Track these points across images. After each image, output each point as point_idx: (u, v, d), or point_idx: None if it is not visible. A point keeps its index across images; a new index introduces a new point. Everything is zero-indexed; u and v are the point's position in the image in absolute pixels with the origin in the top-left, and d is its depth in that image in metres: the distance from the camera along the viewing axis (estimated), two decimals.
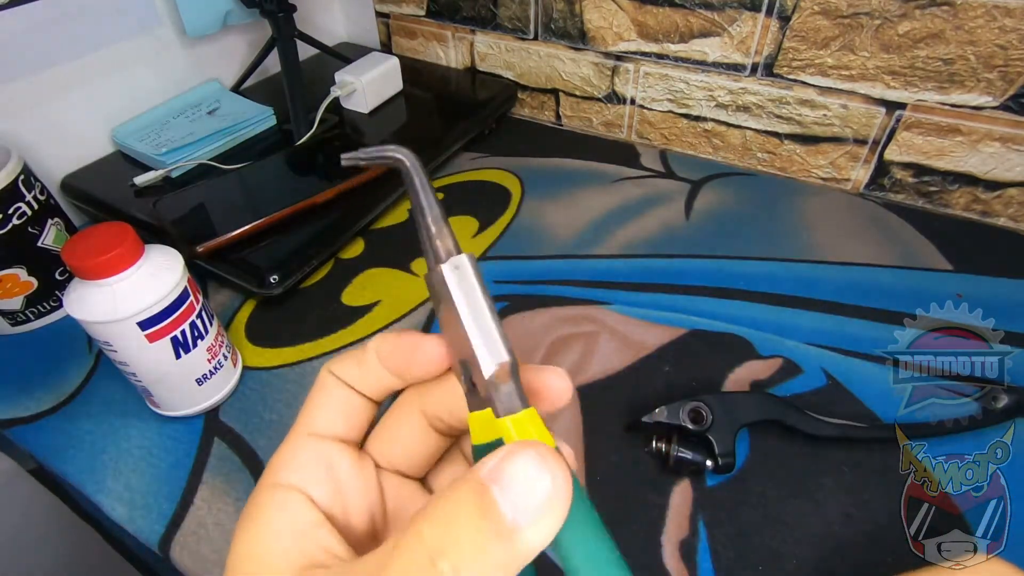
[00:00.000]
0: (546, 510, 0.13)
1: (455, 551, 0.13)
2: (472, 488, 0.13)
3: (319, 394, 0.18)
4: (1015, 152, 0.49)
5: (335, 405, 0.18)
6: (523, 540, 0.13)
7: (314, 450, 0.17)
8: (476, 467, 0.14)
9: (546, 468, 0.13)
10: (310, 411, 0.18)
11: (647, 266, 0.50)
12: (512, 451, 0.13)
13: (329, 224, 0.50)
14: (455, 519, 0.13)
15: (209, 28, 0.62)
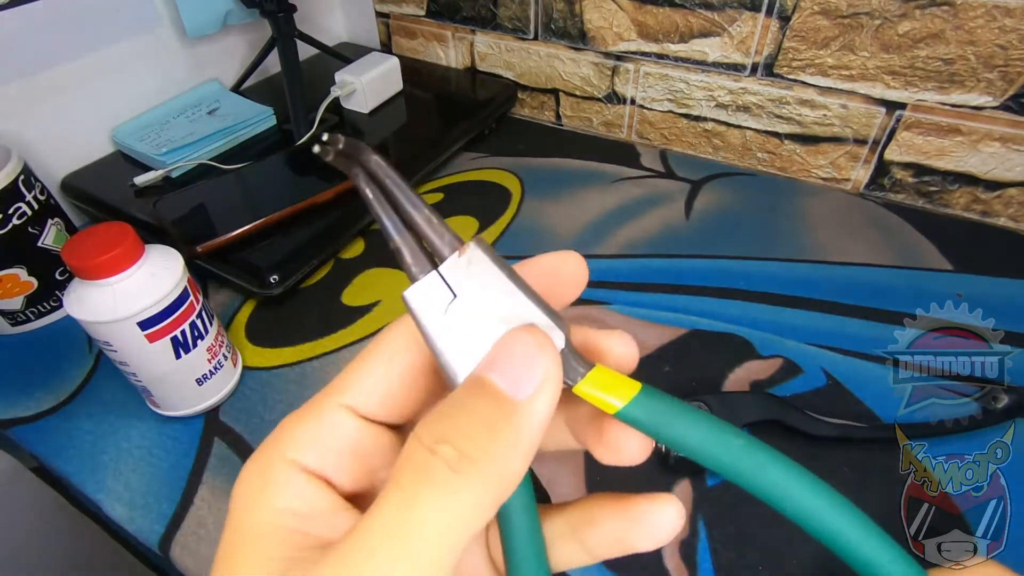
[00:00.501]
0: (546, 380, 0.13)
1: (457, 435, 0.12)
2: (468, 383, 0.13)
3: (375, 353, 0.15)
4: (1015, 152, 0.49)
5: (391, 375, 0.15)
6: (530, 411, 0.13)
7: (343, 429, 0.15)
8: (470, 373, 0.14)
9: (537, 341, 0.13)
10: (354, 375, 0.15)
11: (647, 266, 0.50)
12: (503, 339, 0.14)
13: (329, 224, 0.50)
14: (454, 410, 0.13)
15: (209, 28, 0.62)
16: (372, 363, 0.15)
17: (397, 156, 0.58)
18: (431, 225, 0.15)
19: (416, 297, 0.15)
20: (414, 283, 0.15)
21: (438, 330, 0.14)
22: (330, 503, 0.14)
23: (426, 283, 0.15)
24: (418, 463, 0.12)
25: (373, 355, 0.15)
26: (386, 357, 0.15)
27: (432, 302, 0.15)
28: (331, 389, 0.15)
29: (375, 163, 0.15)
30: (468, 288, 0.15)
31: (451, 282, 0.15)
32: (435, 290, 0.15)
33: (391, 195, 0.15)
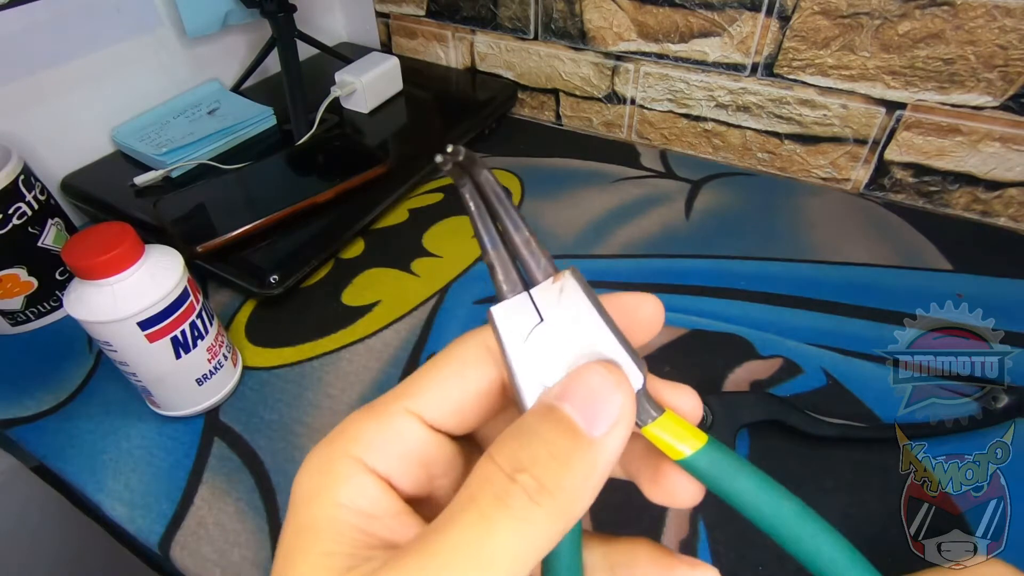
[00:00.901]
0: (620, 419, 0.13)
1: (535, 464, 0.12)
2: (544, 411, 0.13)
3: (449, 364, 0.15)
4: (1015, 152, 0.49)
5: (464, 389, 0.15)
6: (602, 448, 0.13)
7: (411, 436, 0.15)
8: (542, 396, 0.14)
9: (615, 380, 0.13)
10: (425, 384, 0.15)
11: (647, 266, 0.50)
12: (579, 371, 0.14)
13: (329, 224, 0.50)
14: (529, 437, 0.13)
15: (209, 28, 0.62)
16: (445, 374, 0.15)
17: (397, 156, 0.58)
18: (529, 247, 0.15)
19: (502, 315, 0.15)
20: (503, 301, 0.15)
21: (518, 351, 0.14)
22: (392, 505, 0.14)
23: (515, 303, 0.15)
24: (498, 488, 0.12)
25: (446, 366, 0.15)
26: (459, 370, 0.15)
27: (517, 322, 0.15)
28: (400, 393, 0.15)
29: (484, 177, 0.15)
30: (556, 315, 0.15)
31: (540, 306, 0.15)
32: (522, 311, 0.15)
33: (493, 211, 0.15)
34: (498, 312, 0.15)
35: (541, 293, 0.15)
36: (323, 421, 0.40)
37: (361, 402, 0.41)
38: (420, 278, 0.50)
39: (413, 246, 0.53)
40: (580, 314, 0.15)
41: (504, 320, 0.15)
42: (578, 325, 0.15)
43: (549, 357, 0.14)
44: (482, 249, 0.15)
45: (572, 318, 0.15)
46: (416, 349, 0.44)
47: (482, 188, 0.15)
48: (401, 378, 0.42)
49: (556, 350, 0.14)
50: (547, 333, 0.15)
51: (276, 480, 0.37)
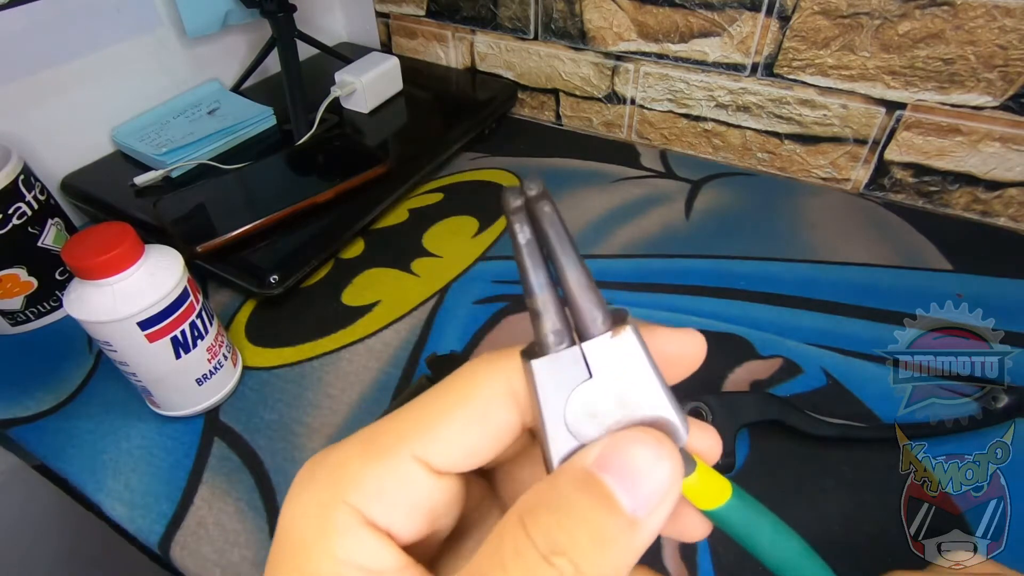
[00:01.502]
0: (664, 498, 0.12)
1: (574, 548, 0.11)
2: (582, 478, 0.12)
3: (466, 405, 0.14)
4: (1015, 152, 0.49)
5: (483, 435, 0.14)
6: (644, 530, 0.12)
7: (416, 485, 0.13)
8: (578, 456, 0.13)
9: (663, 454, 0.12)
10: (436, 425, 0.14)
11: (647, 266, 0.50)
12: (620, 438, 0.13)
13: (329, 224, 0.50)
14: (567, 512, 0.12)
15: (209, 28, 0.62)
16: (461, 417, 0.14)
17: (397, 156, 0.58)
18: (586, 295, 0.13)
19: (544, 370, 0.13)
20: (548, 354, 0.13)
21: (557, 408, 0.13)
22: (393, 560, 0.13)
23: (562, 357, 0.13)
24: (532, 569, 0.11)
25: (463, 406, 0.14)
26: (479, 415, 0.14)
27: (561, 378, 0.13)
28: (406, 432, 0.14)
29: (544, 209, 0.13)
30: (607, 374, 0.13)
31: (592, 362, 0.13)
32: (568, 365, 0.13)
33: (549, 247, 0.13)
34: (540, 367, 0.13)
35: (595, 348, 0.13)
36: (323, 421, 0.40)
37: (361, 402, 0.41)
38: (420, 278, 0.50)
39: (413, 246, 0.53)
40: (634, 375, 0.13)
41: (546, 376, 0.13)
42: (629, 386, 0.13)
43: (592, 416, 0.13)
44: (527, 293, 0.14)
45: (624, 378, 0.13)
46: (416, 349, 0.44)
47: (537, 220, 0.13)
48: (401, 378, 0.42)
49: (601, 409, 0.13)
50: (594, 392, 0.13)
51: (276, 480, 0.37)
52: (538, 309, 0.13)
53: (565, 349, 0.13)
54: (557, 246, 0.13)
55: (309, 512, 0.13)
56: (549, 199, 0.13)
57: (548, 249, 0.13)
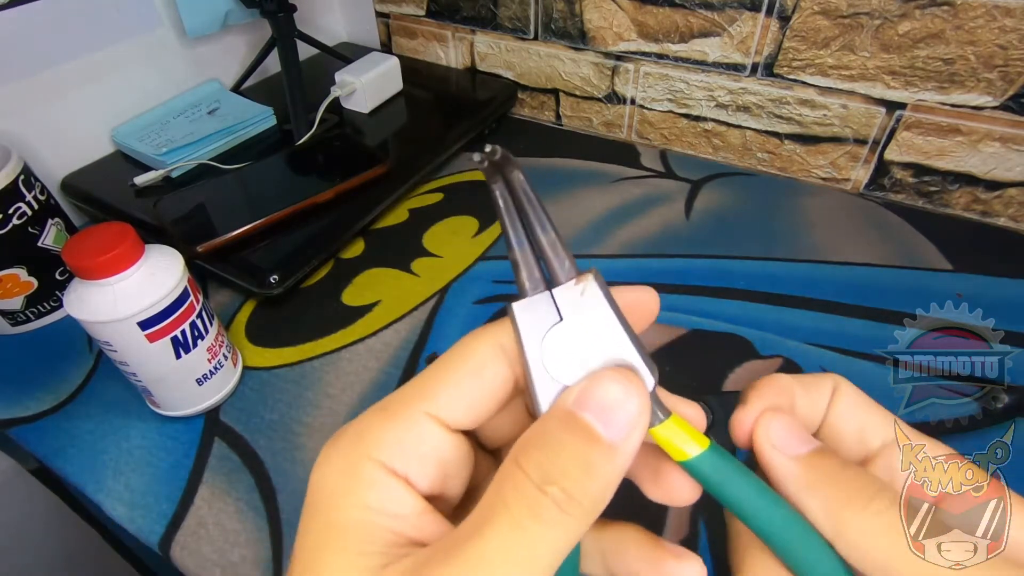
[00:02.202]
0: (635, 424, 0.14)
1: (563, 477, 0.13)
2: (565, 418, 0.14)
3: (464, 364, 0.16)
4: (1015, 152, 0.49)
5: (481, 387, 0.16)
6: (621, 454, 0.14)
7: (429, 438, 0.15)
8: (561, 398, 0.14)
9: (631, 389, 0.14)
10: (440, 385, 0.16)
11: (647, 266, 0.50)
12: (596, 378, 0.14)
13: (329, 224, 0.50)
14: (555, 447, 0.14)
15: (209, 28, 0.62)
16: (461, 374, 0.16)
17: (397, 156, 0.58)
18: (555, 248, 0.16)
19: (523, 311, 0.15)
20: (524, 297, 0.16)
21: (535, 348, 0.15)
22: (414, 505, 0.15)
23: (536, 300, 0.15)
24: (530, 499, 0.13)
25: (462, 365, 0.16)
26: (476, 369, 0.16)
27: (537, 320, 0.15)
28: (416, 394, 0.16)
29: (516, 176, 0.16)
30: (575, 316, 0.15)
31: (561, 306, 0.15)
32: (543, 309, 0.15)
33: (523, 211, 0.16)
34: (519, 308, 0.15)
35: (562, 293, 0.15)
36: (323, 421, 0.40)
37: (361, 402, 0.41)
38: (420, 278, 0.50)
39: (413, 246, 0.53)
40: (599, 316, 0.15)
41: (524, 317, 0.15)
42: (596, 327, 0.15)
43: (565, 356, 0.15)
44: (508, 247, 0.16)
45: (590, 320, 0.15)
46: (416, 349, 0.44)
47: (513, 187, 0.16)
48: (401, 378, 0.42)
49: (573, 349, 0.15)
50: (565, 332, 0.15)
51: (276, 480, 0.37)
52: (517, 260, 0.16)
53: (539, 294, 0.16)
54: (530, 209, 0.16)
55: (337, 469, 0.15)
56: (519, 167, 0.16)
57: (523, 212, 0.16)
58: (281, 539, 0.34)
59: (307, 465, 0.37)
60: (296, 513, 0.35)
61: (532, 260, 0.16)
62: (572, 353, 0.15)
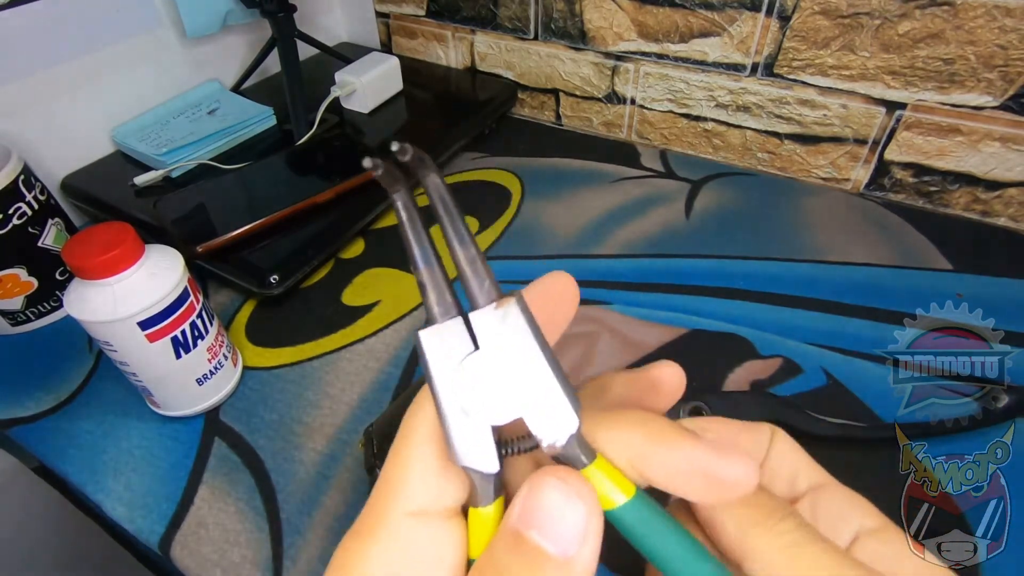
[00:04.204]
0: (586, 531, 0.13)
1: None
2: (512, 540, 0.13)
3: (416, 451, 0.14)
4: (1015, 152, 0.49)
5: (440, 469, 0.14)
6: (578, 563, 0.13)
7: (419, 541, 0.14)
8: (506, 516, 0.13)
9: (573, 493, 0.13)
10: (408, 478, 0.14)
11: (647, 266, 0.50)
12: (534, 488, 0.13)
13: (329, 224, 0.50)
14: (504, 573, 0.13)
15: (209, 28, 0.62)
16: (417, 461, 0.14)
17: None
18: (474, 266, 0.14)
19: (432, 339, 0.14)
20: (433, 324, 0.14)
21: (447, 380, 0.13)
22: None
23: (447, 327, 0.14)
24: None
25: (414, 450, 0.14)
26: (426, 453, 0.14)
27: (448, 349, 0.14)
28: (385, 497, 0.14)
29: (433, 181, 0.14)
30: (493, 345, 0.13)
31: (477, 333, 0.14)
32: (455, 337, 0.14)
33: (440, 221, 0.14)
34: (427, 336, 0.14)
35: (481, 318, 0.14)
36: (323, 421, 0.40)
37: (361, 402, 0.41)
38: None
39: None
40: (519, 345, 0.13)
41: (433, 345, 0.14)
42: (516, 358, 0.13)
43: (481, 390, 0.13)
44: (413, 266, 0.14)
45: (510, 349, 0.13)
46: (416, 349, 0.44)
47: (428, 194, 0.14)
48: (401, 378, 0.42)
49: (489, 383, 0.13)
50: (480, 363, 0.13)
51: (276, 480, 0.37)
52: (423, 282, 0.14)
53: (451, 319, 0.14)
54: (447, 220, 0.14)
55: None
56: (436, 170, 0.14)
57: (439, 222, 0.14)
58: (281, 539, 0.34)
59: (307, 465, 0.37)
60: (296, 513, 0.35)
61: (442, 281, 0.14)
62: (488, 387, 0.13)
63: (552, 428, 0.13)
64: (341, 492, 0.36)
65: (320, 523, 0.34)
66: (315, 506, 0.35)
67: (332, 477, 0.36)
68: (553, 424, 0.13)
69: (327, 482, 0.36)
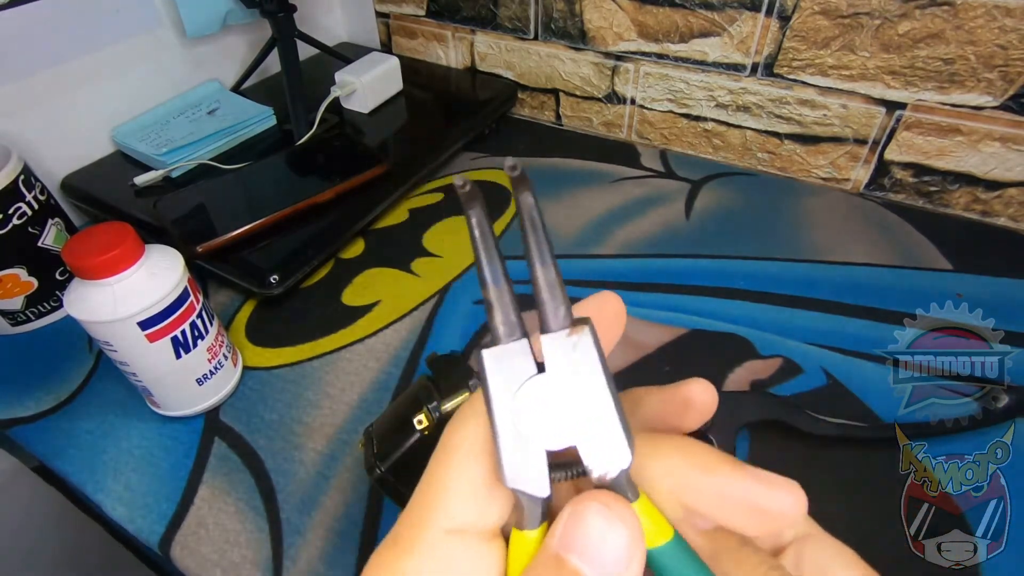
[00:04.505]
0: (629, 559, 0.13)
1: None
2: (553, 565, 0.13)
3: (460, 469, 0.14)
4: (1015, 152, 0.49)
5: (485, 487, 0.14)
6: None
7: (459, 560, 0.14)
8: (547, 539, 0.13)
9: (616, 519, 0.13)
10: (450, 495, 0.14)
11: (647, 266, 0.50)
12: (577, 512, 0.13)
13: (329, 224, 0.50)
14: None
15: (209, 28, 0.62)
16: (460, 478, 0.14)
17: (397, 156, 0.58)
18: (552, 290, 0.14)
19: (495, 360, 0.13)
20: (498, 344, 0.14)
21: (505, 401, 0.13)
22: None
23: (511, 349, 0.14)
24: None
25: (458, 467, 0.14)
26: (470, 471, 0.14)
27: (510, 371, 0.13)
28: (425, 512, 0.14)
29: (527, 200, 0.13)
30: (560, 371, 0.13)
31: (546, 357, 0.13)
32: (518, 358, 0.13)
33: (526, 240, 0.14)
34: (489, 356, 0.14)
35: (551, 343, 0.13)
36: (323, 421, 0.40)
37: (361, 402, 0.41)
38: (420, 278, 0.50)
39: (413, 246, 0.53)
40: (585, 375, 0.13)
41: (495, 366, 0.13)
42: (581, 387, 0.13)
43: (539, 414, 0.13)
44: (482, 284, 0.14)
45: (576, 377, 0.13)
46: (416, 349, 0.44)
47: (520, 210, 0.14)
48: (401, 378, 0.42)
49: (549, 408, 0.13)
50: (544, 388, 0.13)
51: (276, 480, 0.37)
52: (491, 300, 0.14)
53: (515, 341, 0.14)
54: (532, 239, 0.14)
55: None
56: (531, 189, 0.13)
57: (523, 240, 0.14)
58: (281, 539, 0.34)
59: (307, 465, 0.37)
60: (296, 513, 0.35)
61: (509, 301, 0.14)
62: (548, 412, 0.13)
63: (605, 460, 0.13)
64: (341, 492, 0.36)
65: (320, 523, 0.34)
66: (315, 506, 0.35)
67: (332, 477, 0.36)
68: (607, 456, 0.13)
69: (327, 482, 0.36)
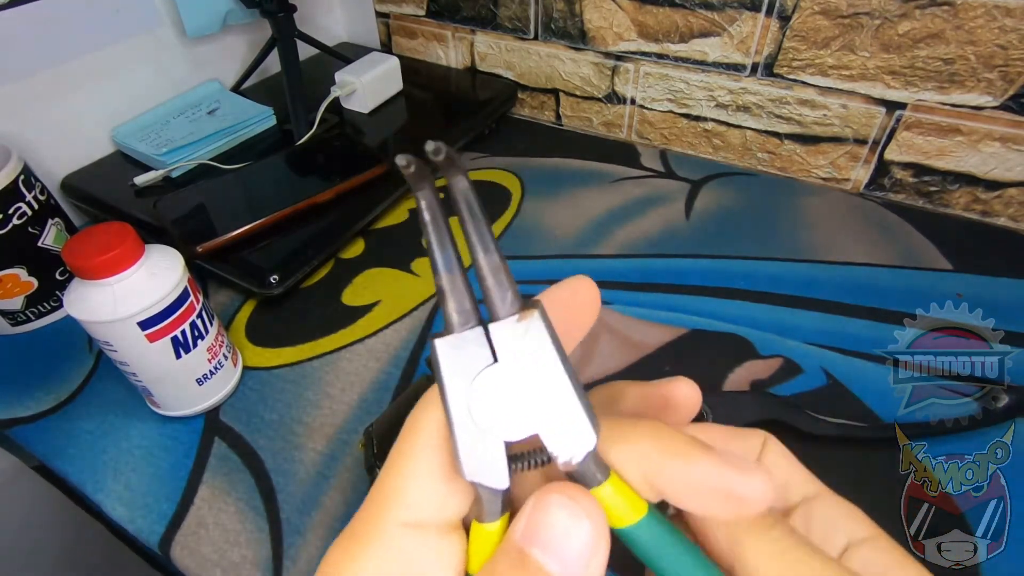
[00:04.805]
0: (593, 552, 0.13)
1: None
2: (515, 558, 0.13)
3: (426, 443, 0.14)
4: (1015, 152, 0.49)
5: (438, 481, 0.14)
6: None
7: (410, 552, 0.13)
8: (510, 532, 0.13)
9: (580, 511, 0.13)
10: (407, 489, 0.14)
11: (647, 266, 0.50)
12: (540, 505, 0.13)
13: (329, 224, 0.50)
14: None
15: (209, 28, 0.62)
16: (418, 470, 0.14)
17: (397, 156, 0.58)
18: (497, 275, 0.13)
19: (449, 349, 0.13)
20: (451, 333, 0.13)
21: (460, 392, 0.13)
22: None
23: (465, 337, 0.13)
24: None
25: (415, 458, 0.14)
26: (429, 463, 0.14)
27: (464, 360, 0.13)
28: (382, 505, 0.14)
29: (460, 184, 0.13)
30: (512, 358, 0.13)
31: (497, 345, 0.13)
32: (473, 347, 0.13)
33: (464, 226, 0.13)
34: (443, 345, 0.13)
35: (501, 330, 0.13)
36: (323, 421, 0.40)
37: (361, 402, 0.41)
38: (420, 278, 0.50)
39: (413, 246, 0.53)
40: (540, 360, 0.13)
41: (449, 355, 0.13)
42: (535, 372, 0.13)
43: (496, 404, 0.13)
44: (434, 271, 0.13)
45: (530, 364, 0.13)
46: (416, 349, 0.44)
47: (453, 197, 0.13)
48: (401, 378, 0.42)
49: (505, 398, 0.13)
50: (498, 377, 0.13)
51: (276, 480, 0.37)
52: (444, 288, 0.13)
53: (470, 329, 0.13)
54: (471, 225, 0.13)
55: None
56: (464, 172, 0.13)
57: (462, 227, 0.13)
58: (281, 539, 0.34)
59: (307, 465, 0.37)
60: (296, 513, 0.35)
61: (463, 288, 0.13)
62: (504, 402, 0.13)
63: (569, 445, 0.13)
64: (341, 492, 0.36)
65: (320, 523, 0.34)
66: (315, 506, 0.35)
67: (332, 477, 0.36)
68: (570, 441, 0.13)
69: (327, 482, 0.36)
